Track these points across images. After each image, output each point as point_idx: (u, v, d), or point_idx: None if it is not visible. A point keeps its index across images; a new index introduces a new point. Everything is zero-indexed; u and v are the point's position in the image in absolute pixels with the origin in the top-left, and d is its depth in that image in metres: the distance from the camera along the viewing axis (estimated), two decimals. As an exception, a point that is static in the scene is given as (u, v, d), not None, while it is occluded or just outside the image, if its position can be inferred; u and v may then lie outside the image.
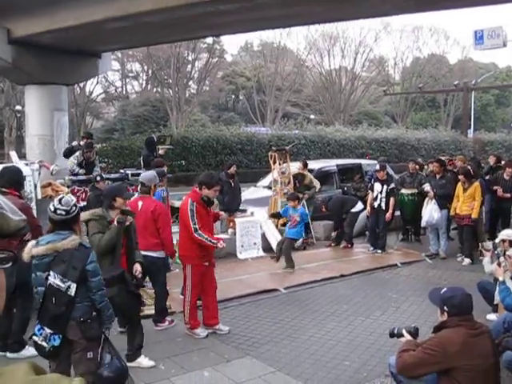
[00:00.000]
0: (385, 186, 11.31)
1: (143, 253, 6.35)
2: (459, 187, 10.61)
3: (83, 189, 10.70)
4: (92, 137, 13.89)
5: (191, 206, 6.60)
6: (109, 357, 4.60)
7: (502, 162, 12.26)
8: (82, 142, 11.92)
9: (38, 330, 4.36)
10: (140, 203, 6.92)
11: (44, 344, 4.33)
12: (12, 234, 2.57)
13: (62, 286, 4.27)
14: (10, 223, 2.53)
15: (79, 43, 13.81)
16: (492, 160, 12.71)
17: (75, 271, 4.32)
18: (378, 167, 11.87)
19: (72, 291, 4.30)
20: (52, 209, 4.43)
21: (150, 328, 6.97)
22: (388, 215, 11.27)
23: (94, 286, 4.42)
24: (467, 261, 10.43)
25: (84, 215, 5.61)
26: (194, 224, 6.54)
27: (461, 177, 10.58)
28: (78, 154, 12.23)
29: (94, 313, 4.48)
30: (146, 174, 8.16)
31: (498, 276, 6.17)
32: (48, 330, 4.32)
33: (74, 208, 4.51)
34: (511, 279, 6.03)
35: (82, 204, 10.48)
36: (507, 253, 6.36)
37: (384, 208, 11.28)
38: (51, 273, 4.29)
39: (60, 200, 4.50)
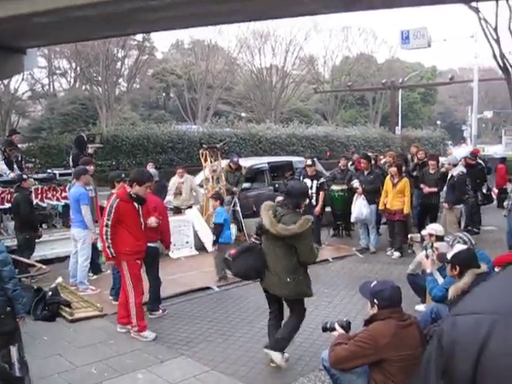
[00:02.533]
0: (314, 182, 11.45)
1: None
2: (387, 182, 10.84)
3: (8, 189, 10.32)
4: (15, 132, 13.49)
5: (113, 202, 6.51)
6: (17, 354, 4.58)
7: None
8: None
9: None
10: None
11: None
12: None
13: None
14: None
15: (2, 38, 13.29)
16: (421, 154, 12.96)
17: None
18: (308, 162, 11.92)
19: None
20: None
21: (80, 331, 6.81)
22: (317, 209, 11.38)
23: (6, 275, 4.49)
24: (396, 254, 10.69)
25: (302, 225, 5.35)
26: (108, 220, 6.44)
27: (393, 169, 10.78)
28: None
29: (9, 308, 4.50)
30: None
31: (425, 268, 6.34)
32: None
33: None
34: (438, 271, 6.21)
35: (8, 205, 10.13)
36: (435, 245, 6.55)
37: (315, 203, 11.42)
38: None
39: None
